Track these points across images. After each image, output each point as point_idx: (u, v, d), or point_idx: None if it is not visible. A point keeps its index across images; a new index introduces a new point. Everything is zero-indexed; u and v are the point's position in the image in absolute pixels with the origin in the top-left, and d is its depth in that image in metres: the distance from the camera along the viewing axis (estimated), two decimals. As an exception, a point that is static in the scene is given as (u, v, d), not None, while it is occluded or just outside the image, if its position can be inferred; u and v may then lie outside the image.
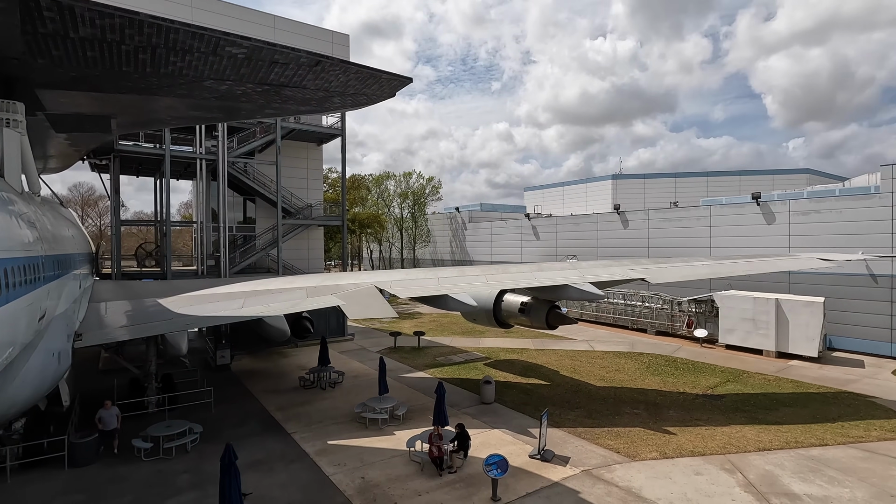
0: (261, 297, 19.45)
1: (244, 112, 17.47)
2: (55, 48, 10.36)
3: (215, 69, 12.25)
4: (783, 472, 13.82)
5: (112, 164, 28.99)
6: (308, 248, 36.76)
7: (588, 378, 23.98)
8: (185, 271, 33.93)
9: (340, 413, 18.97)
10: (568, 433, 16.87)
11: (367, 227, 59.12)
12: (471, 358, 28.34)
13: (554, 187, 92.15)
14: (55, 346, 13.35)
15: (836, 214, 29.42)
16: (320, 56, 12.77)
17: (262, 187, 32.93)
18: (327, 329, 33.03)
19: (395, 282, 20.12)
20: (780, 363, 26.56)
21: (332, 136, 35.67)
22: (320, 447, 15.79)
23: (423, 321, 41.75)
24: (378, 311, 17.57)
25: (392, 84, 15.06)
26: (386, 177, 68.36)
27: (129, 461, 14.72)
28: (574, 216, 48.33)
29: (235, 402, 20.55)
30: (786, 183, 69.57)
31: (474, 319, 23.07)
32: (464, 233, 60.95)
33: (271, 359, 28.44)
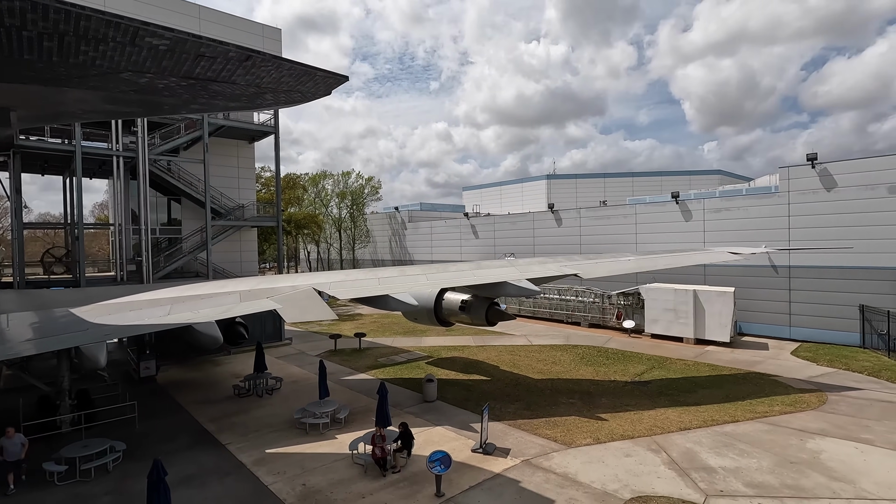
0: (189, 302, 18.39)
1: (167, 107, 16.40)
2: (-61, 31, 9.25)
3: (133, 61, 11.43)
4: (701, 448, 15.06)
5: (11, 161, 26.09)
6: (241, 250, 35.17)
7: (527, 371, 24.79)
8: (101, 278, 31.30)
9: (279, 420, 18.37)
10: (508, 426, 17.37)
11: (304, 228, 57.40)
12: (413, 357, 28.38)
13: (492, 187, 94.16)
14: (-54, 364, 11.94)
15: (743, 212, 32.36)
16: (251, 51, 12.28)
17: (189, 186, 31.09)
18: (263, 334, 31.73)
19: (334, 283, 19.74)
20: (698, 349, 28.84)
21: (265, 133, 34.32)
22: (258, 457, 15.21)
23: (365, 322, 41.26)
24: (317, 313, 17.16)
25: (327, 82, 14.74)
26: (323, 176, 66.70)
27: (39, 487, 13.43)
28: (511, 215, 49.66)
29: (163, 415, 19.30)
30: (701, 183, 75.46)
31: (416, 319, 23.19)
32: (404, 232, 60.80)
33: (202, 368, 26.93)
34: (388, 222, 63.28)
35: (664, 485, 12.80)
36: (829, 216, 28.76)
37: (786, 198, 30.45)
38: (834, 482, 12.78)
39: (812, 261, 29.24)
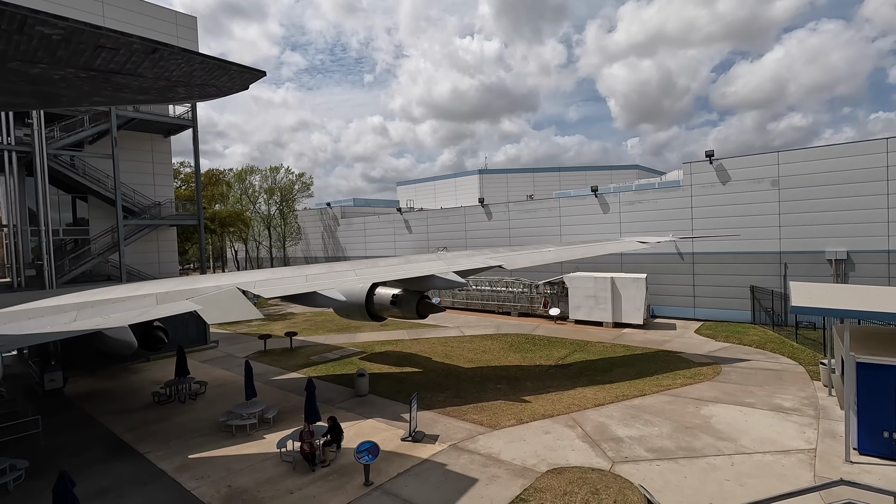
0: (99, 307, 17.32)
1: (65, 99, 15.21)
2: None
3: (23, 50, 10.65)
4: (612, 421, 16.48)
5: None
6: (158, 250, 33.22)
7: (458, 361, 25.61)
8: (-6, 285, 28.39)
9: (204, 425, 17.82)
10: (438, 413, 18.00)
11: (230, 226, 54.90)
12: (346, 354, 28.34)
13: (426, 182, 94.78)
14: None
15: (654, 204, 35.13)
16: (157, 43, 11.78)
17: (96, 183, 28.90)
18: (186, 338, 30.27)
19: (259, 282, 19.35)
20: (616, 332, 31.09)
21: (182, 126, 32.55)
22: (180, 463, 14.75)
23: (297, 321, 40.43)
24: (241, 313, 16.78)
25: (243, 77, 14.37)
26: (250, 171, 64.02)
27: (-75, 515, 12.29)
28: (443, 210, 50.47)
29: (72, 429, 18.08)
30: (621, 177, 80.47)
31: (348, 315, 23.26)
32: (337, 228, 59.88)
33: (117, 377, 25.32)
34: (321, 219, 62.04)
35: (577, 456, 13.96)
36: (724, 207, 32.00)
37: (689, 191, 33.44)
38: (720, 441, 14.54)
39: (711, 247, 32.40)
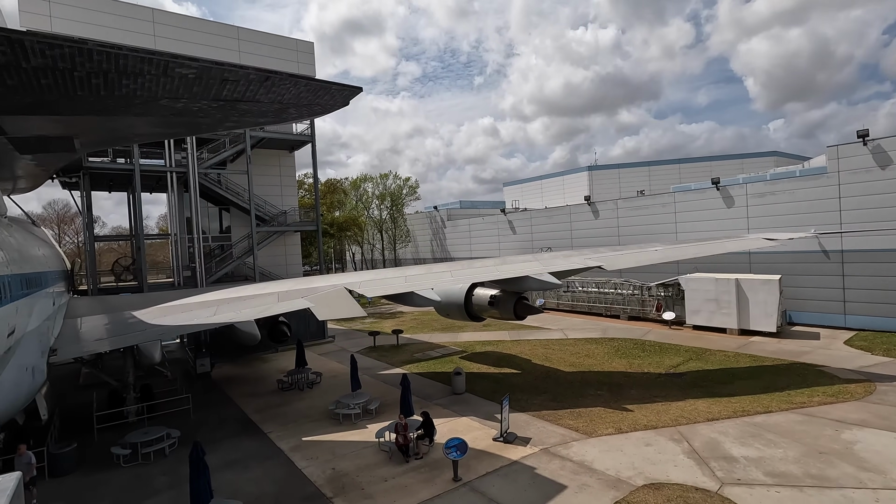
0: (233, 304, 20.06)
1: (204, 126, 18.00)
2: (9, 78, 10.89)
3: (168, 89, 12.82)
4: (726, 438, 14.87)
5: (82, 181, 29.19)
6: (285, 254, 37.25)
7: (558, 364, 24.96)
8: (163, 283, 34.22)
9: (316, 411, 19.67)
10: (532, 416, 17.77)
11: (346, 231, 59.67)
12: (447, 352, 29.16)
13: (532, 181, 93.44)
14: (28, 361, 13.87)
15: (790, 195, 30.77)
16: (269, 71, 13.40)
17: (236, 196, 33.36)
18: (307, 332, 33.56)
19: (364, 282, 20.84)
20: (742, 340, 27.82)
21: (303, 142, 36.17)
22: (294, 444, 16.49)
23: (405, 320, 42.50)
24: (347, 311, 18.30)
25: (343, 94, 15.70)
26: (364, 179, 68.87)
27: (108, 468, 15.28)
28: (548, 209, 49.40)
29: (214, 407, 21.13)
30: (755, 166, 71.54)
31: (448, 315, 23.91)
32: (443, 231, 61.75)
33: (251, 365, 28.98)
34: (428, 222, 64.43)
35: (680, 473, 12.86)
36: (883, 196, 26.89)
37: (835, 178, 28.72)
38: (863, 472, 12.36)
39: (866, 244, 27.44)
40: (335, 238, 59.97)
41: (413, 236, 66.01)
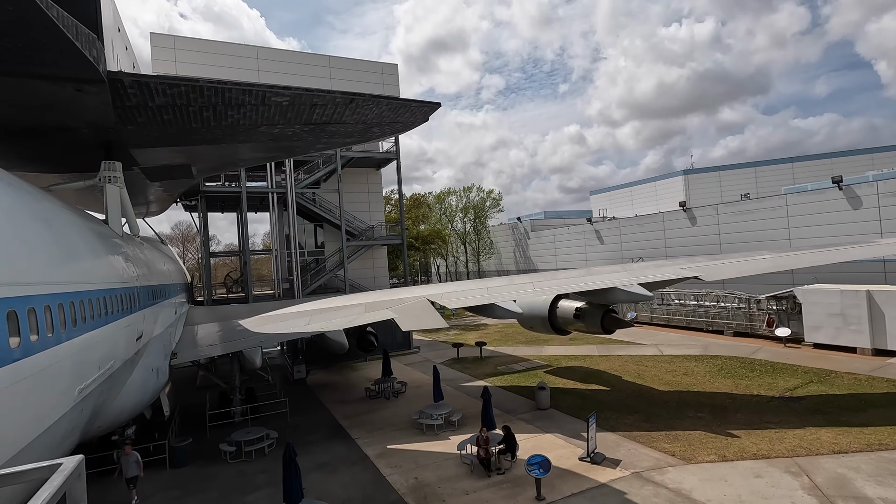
0: (325, 314, 21.29)
1: (298, 149, 19.52)
2: (139, 116, 12.62)
3: (266, 116, 14.10)
4: (857, 475, 12.85)
5: (199, 203, 32.89)
6: (373, 266, 38.93)
7: (652, 382, 23.30)
8: (265, 294, 37.33)
9: (401, 420, 20.11)
10: (622, 437, 16.71)
11: (430, 244, 61.09)
12: (531, 366, 28.47)
13: (621, 188, 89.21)
14: (154, 363, 15.73)
15: (936, 193, 26.34)
16: (353, 94, 14.23)
17: (328, 213, 35.59)
18: (393, 343, 34.59)
19: (446, 294, 21.09)
20: (877, 361, 24.05)
21: (389, 159, 37.78)
22: (380, 451, 16.96)
23: (488, 332, 42.27)
24: (430, 322, 18.61)
25: (423, 110, 16.23)
26: (448, 193, 70.21)
27: (217, 463, 16.79)
28: (638, 217, 46.80)
29: (308, 411, 22.43)
30: (889, 161, 62.25)
31: (532, 327, 23.38)
32: (527, 242, 60.88)
33: (342, 372, 30.44)
34: (511, 233, 63.93)
35: (798, 511, 11.31)
36: None
37: None
38: None
39: None
40: (420, 251, 61.66)
41: (496, 248, 65.82)
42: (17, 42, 8.57)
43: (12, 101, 10.95)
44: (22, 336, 5.30)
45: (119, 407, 13.00)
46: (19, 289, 5.42)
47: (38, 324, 5.75)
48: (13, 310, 5.18)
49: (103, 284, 9.25)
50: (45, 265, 6.51)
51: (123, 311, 10.74)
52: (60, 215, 9.07)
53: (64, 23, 8.42)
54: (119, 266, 11.55)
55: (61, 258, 7.43)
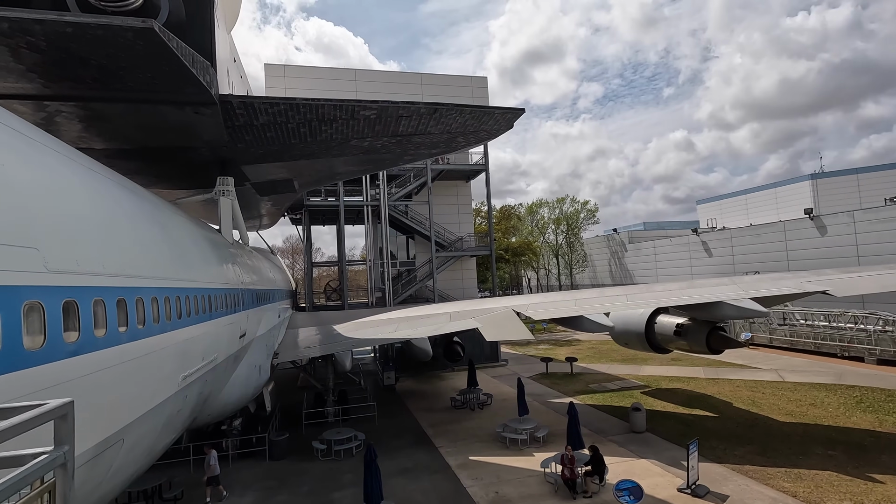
0: (411, 321, 21.75)
1: (387, 161, 20.33)
2: (247, 134, 13.98)
3: (356, 130, 14.89)
4: None
5: (303, 217, 35.61)
6: (462, 277, 39.19)
7: (770, 412, 20.57)
8: (360, 303, 39.25)
9: (484, 432, 19.78)
10: (731, 470, 14.87)
11: (521, 256, 60.14)
12: (627, 386, 26.61)
13: (734, 196, 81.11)
14: (257, 360, 17.12)
15: None
16: (437, 104, 14.54)
17: (419, 225, 36.62)
18: (481, 355, 34.38)
19: (533, 305, 20.51)
20: None
21: (478, 171, 38.05)
22: (462, 461, 16.78)
23: (581, 348, 40.41)
24: (514, 333, 18.22)
25: (506, 117, 16.10)
26: (539, 204, 68.92)
27: (310, 459, 17.74)
28: (754, 227, 42.17)
29: (395, 417, 22.95)
30: None
31: (627, 344, 21.96)
32: (624, 254, 57.58)
33: (430, 381, 30.83)
34: (607, 245, 60.94)
35: (967, 581, 9.13)
36: None
37: None
38: None
39: None
40: (510, 263, 60.99)
41: (591, 261, 63.09)
42: (147, 72, 9.94)
43: (147, 126, 12.72)
44: (129, 322, 6.03)
45: (224, 399, 14.30)
46: (130, 280, 6.19)
47: (145, 313, 6.52)
48: (123, 298, 5.92)
49: (209, 284, 10.29)
50: (155, 263, 7.40)
51: (227, 310, 11.85)
52: (176, 222, 10.29)
53: (182, 52, 9.59)
54: (226, 270, 12.79)
55: (171, 258, 8.40)
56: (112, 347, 5.53)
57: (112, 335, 5.54)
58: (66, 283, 4.72)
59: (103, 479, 5.97)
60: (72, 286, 4.82)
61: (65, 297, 4.69)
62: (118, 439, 5.90)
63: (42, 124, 12.00)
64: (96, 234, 5.88)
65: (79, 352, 4.85)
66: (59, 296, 4.61)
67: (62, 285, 4.67)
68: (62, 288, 4.66)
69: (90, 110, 11.40)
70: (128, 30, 8.60)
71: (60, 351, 4.55)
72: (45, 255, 4.51)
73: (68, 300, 4.75)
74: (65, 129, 12.53)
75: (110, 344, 5.49)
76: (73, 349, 4.77)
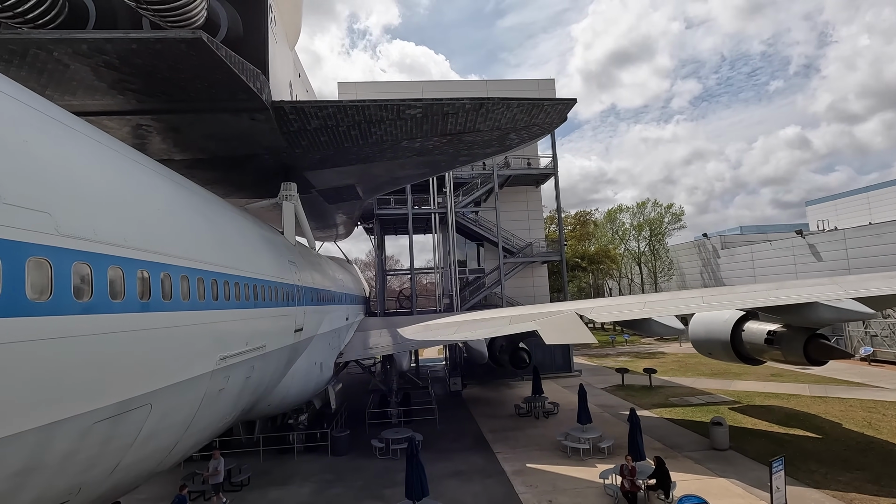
0: (471, 324, 21.56)
1: (443, 163, 20.43)
2: (302, 139, 14.80)
3: (404, 130, 15.16)
4: None
5: (375, 226, 36.91)
6: (533, 285, 38.18)
7: (888, 435, 17.54)
8: (428, 309, 39.65)
9: (546, 441, 18.88)
10: (831, 497, 12.82)
11: (598, 263, 57.15)
12: (713, 401, 24.12)
13: (852, 195, 71.31)
14: (318, 357, 17.84)
15: None
16: (482, 99, 14.40)
17: (487, 232, 36.38)
18: (553, 364, 33.16)
19: (597, 308, 19.45)
20: None
21: (548, 175, 37.11)
22: (518, 468, 16.11)
23: (665, 361, 37.48)
24: (576, 336, 17.33)
25: (557, 108, 15.52)
26: (619, 210, 65.52)
27: (368, 457, 18.02)
28: (873, 225, 36.74)
29: (457, 421, 22.68)
30: None
31: (710, 353, 19.99)
32: (716, 261, 52.78)
33: (497, 389, 30.20)
34: (697, 251, 56.29)
35: None
36: None
37: None
38: None
39: None
40: (587, 271, 58.20)
41: (678, 268, 58.56)
42: (203, 81, 10.90)
43: (213, 135, 13.94)
44: (152, 294, 6.54)
45: (283, 391, 15.02)
46: (155, 256, 6.75)
47: (171, 288, 7.04)
48: (145, 271, 6.44)
49: (255, 275, 10.92)
50: (189, 246, 8.01)
51: (277, 302, 12.48)
52: (225, 216, 11.18)
53: (231, 60, 10.40)
54: (278, 265, 13.51)
55: (210, 245, 9.06)
56: (130, 314, 6.02)
57: (130, 302, 6.05)
58: (77, 248, 5.24)
59: (133, 441, 6.46)
60: (84, 251, 5.34)
61: (75, 259, 5.20)
62: (143, 403, 6.38)
63: (132, 140, 13.64)
64: (120, 212, 6.50)
65: (89, 311, 5.34)
66: (70, 258, 5.11)
67: (73, 248, 5.19)
68: (72, 251, 5.17)
69: (163, 122, 12.74)
70: (181, 41, 9.51)
71: (68, 307, 5.04)
72: (56, 221, 5.04)
73: (79, 263, 5.26)
74: (149, 143, 14.12)
75: (128, 310, 5.99)
76: (83, 307, 5.25)
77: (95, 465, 5.87)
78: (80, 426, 5.32)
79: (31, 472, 4.91)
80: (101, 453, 5.87)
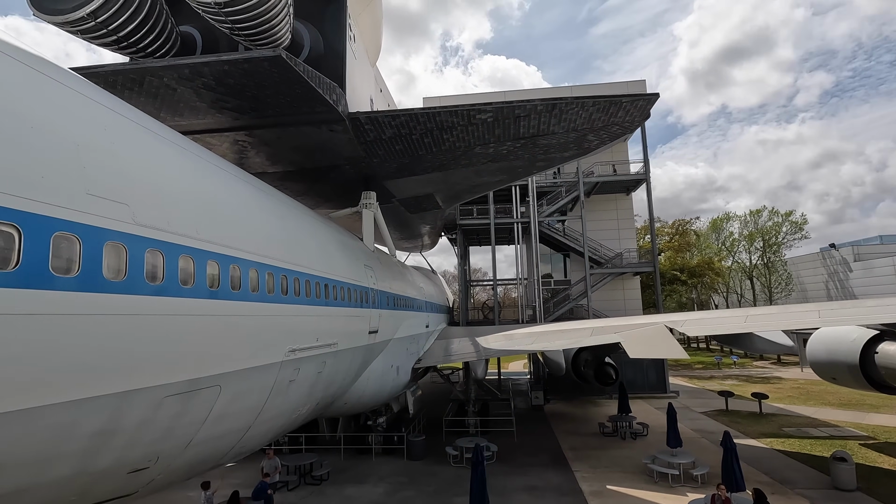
0: (550, 335, 20.77)
1: (521, 169, 20.06)
2: (379, 148, 15.44)
3: (476, 136, 15.20)
4: None
5: (458, 236, 37.27)
6: (623, 297, 35.98)
7: None
8: (510, 320, 38.93)
9: (630, 463, 17.49)
10: None
11: (700, 276, 52.00)
12: (840, 434, 20.82)
13: None
14: (395, 361, 18.28)
15: None
16: (553, 99, 14.01)
17: (573, 241, 35.08)
18: (645, 383, 30.93)
19: (690, 321, 17.73)
20: None
21: (639, 181, 35.00)
22: (597, 489, 15.09)
23: (781, 387, 33.16)
24: (664, 350, 15.99)
25: (637, 105, 14.59)
26: (726, 219, 59.61)
27: (442, 463, 17.99)
28: None
29: (536, 436, 21.87)
30: None
31: (834, 378, 17.50)
32: (847, 275, 45.91)
33: (583, 405, 28.70)
34: (822, 264, 49.50)
35: None
36: None
37: None
38: None
39: None
40: (686, 285, 53.27)
41: (798, 283, 51.76)
42: (285, 96, 11.85)
43: (298, 147, 15.05)
44: (221, 284, 7.13)
45: (359, 391, 15.55)
46: (226, 249, 7.36)
47: (240, 280, 7.64)
48: (215, 262, 7.05)
49: (327, 275, 11.49)
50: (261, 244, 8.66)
51: (350, 302, 13.00)
52: (301, 220, 12.00)
53: (309, 75, 11.20)
54: (352, 267, 14.08)
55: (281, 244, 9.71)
56: (198, 299, 6.61)
57: (200, 289, 6.64)
58: (150, 236, 5.89)
59: (204, 418, 7.05)
60: (157, 239, 5.99)
61: (148, 246, 5.84)
62: (213, 384, 6.94)
63: (232, 155, 15.20)
64: (194, 208, 7.25)
65: (160, 293, 5.95)
66: (143, 244, 5.76)
67: (147, 237, 5.84)
68: (146, 238, 5.82)
69: (255, 137, 14.02)
70: (264, 59, 10.44)
71: (140, 287, 5.66)
72: (134, 211, 5.72)
73: (152, 250, 5.90)
74: (247, 157, 15.63)
75: (197, 296, 6.58)
76: (154, 290, 5.86)
77: (170, 437, 6.49)
78: (153, 398, 5.93)
79: (111, 434, 5.55)
80: (175, 426, 6.48)
